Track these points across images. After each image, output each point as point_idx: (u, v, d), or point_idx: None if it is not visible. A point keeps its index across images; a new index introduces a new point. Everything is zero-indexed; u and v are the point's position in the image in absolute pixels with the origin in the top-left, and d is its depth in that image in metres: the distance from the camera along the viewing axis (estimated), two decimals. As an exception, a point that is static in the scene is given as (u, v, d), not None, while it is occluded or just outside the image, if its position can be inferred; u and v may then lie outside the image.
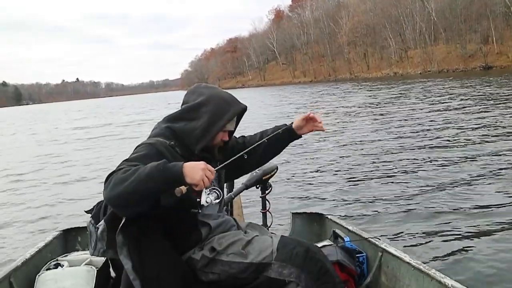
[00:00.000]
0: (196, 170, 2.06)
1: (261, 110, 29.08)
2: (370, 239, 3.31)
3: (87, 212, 2.58)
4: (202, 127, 2.44)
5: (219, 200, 2.44)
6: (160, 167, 2.05)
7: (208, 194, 2.32)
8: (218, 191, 2.43)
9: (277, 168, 3.54)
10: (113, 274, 3.22)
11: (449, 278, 2.49)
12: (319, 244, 3.18)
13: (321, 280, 2.33)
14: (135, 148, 2.38)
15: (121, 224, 2.25)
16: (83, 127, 29.82)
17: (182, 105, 2.58)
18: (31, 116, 67.21)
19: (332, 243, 3.36)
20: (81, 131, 26.90)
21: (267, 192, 3.54)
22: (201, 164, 2.09)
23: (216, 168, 2.22)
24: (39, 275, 3.06)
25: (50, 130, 31.00)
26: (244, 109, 2.60)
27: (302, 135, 2.87)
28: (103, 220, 2.35)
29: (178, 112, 2.55)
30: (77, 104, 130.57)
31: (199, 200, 2.27)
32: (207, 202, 2.32)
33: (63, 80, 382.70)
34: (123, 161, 2.20)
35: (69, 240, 3.98)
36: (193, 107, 2.50)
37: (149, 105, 65.33)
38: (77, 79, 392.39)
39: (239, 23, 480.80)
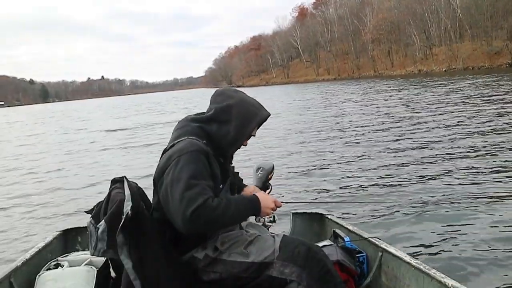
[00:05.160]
0: (268, 210, 2.55)
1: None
2: (370, 239, 3.32)
3: (87, 212, 2.62)
4: (235, 131, 2.53)
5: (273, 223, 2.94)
6: (250, 210, 2.48)
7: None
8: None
9: (273, 167, 3.40)
10: (113, 274, 3.16)
11: (449, 278, 2.52)
12: (319, 244, 3.19)
13: (322, 279, 2.38)
14: (179, 156, 2.38)
15: (121, 224, 2.26)
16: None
17: (210, 105, 2.64)
18: (58, 114, 66.11)
19: (332, 243, 3.37)
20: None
21: (267, 192, 3.33)
22: (272, 204, 2.57)
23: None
24: (39, 275, 3.05)
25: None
26: (268, 115, 2.69)
27: None
28: (103, 220, 2.36)
29: (210, 114, 2.60)
30: (104, 102, 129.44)
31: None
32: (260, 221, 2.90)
33: (89, 78, 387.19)
34: (188, 179, 2.27)
35: (69, 240, 3.97)
36: (224, 109, 2.56)
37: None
38: (102, 77, 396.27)
39: (263, 21, 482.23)
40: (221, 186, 2.55)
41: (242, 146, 2.69)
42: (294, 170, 9.69)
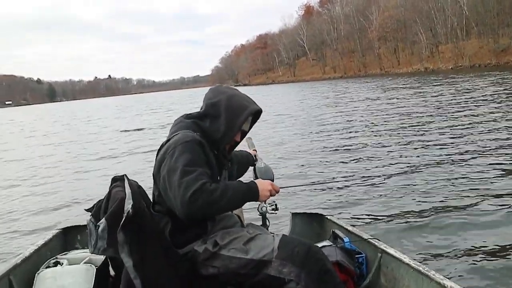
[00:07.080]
0: (266, 193, 2.58)
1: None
2: (369, 240, 3.32)
3: (87, 210, 2.64)
4: (225, 124, 2.61)
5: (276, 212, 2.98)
6: (247, 195, 2.51)
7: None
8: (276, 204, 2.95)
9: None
10: (112, 272, 3.15)
11: (448, 280, 2.50)
12: (319, 245, 3.19)
13: (321, 280, 2.37)
14: (175, 147, 2.46)
15: (122, 223, 2.26)
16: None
17: (203, 102, 2.75)
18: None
19: (332, 243, 3.37)
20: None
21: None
22: (269, 186, 2.62)
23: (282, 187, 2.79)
24: (38, 273, 3.04)
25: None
26: (259, 110, 2.77)
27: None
28: (104, 218, 2.37)
29: (202, 110, 2.72)
30: (113, 101, 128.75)
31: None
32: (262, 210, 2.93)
33: (96, 77, 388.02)
34: (184, 166, 2.35)
35: (68, 238, 3.95)
36: (214, 104, 2.66)
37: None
38: (109, 76, 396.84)
39: (269, 19, 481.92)
40: (218, 178, 2.63)
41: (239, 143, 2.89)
42: (294, 169, 9.76)
